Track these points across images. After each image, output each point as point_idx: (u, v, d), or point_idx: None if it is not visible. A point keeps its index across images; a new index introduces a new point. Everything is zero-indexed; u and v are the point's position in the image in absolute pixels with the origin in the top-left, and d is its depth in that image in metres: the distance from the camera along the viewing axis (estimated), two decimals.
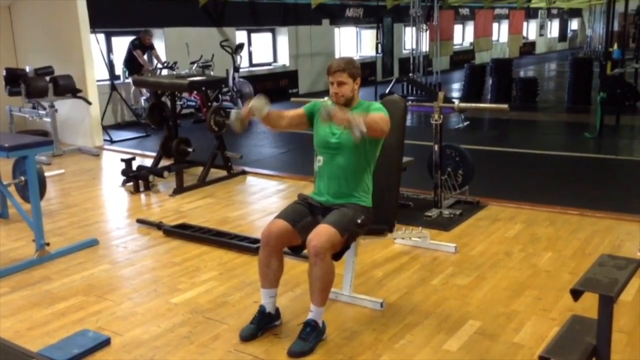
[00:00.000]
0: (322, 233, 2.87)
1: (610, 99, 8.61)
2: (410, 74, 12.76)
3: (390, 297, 3.47)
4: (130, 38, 10.06)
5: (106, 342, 3.00)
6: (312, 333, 2.91)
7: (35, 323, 3.25)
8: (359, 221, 3.01)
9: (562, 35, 31.11)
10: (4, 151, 3.94)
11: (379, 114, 3.04)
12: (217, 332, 3.11)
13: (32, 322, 3.26)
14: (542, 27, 28.40)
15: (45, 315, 3.34)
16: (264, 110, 3.01)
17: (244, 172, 6.45)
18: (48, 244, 4.17)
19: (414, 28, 12.85)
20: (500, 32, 23.66)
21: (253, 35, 13.24)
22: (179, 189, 5.78)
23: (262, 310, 3.04)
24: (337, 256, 3.07)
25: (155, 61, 10.17)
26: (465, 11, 20.60)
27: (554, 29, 30.14)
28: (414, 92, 12.02)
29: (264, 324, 3.03)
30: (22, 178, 4.51)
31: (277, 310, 3.09)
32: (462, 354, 2.86)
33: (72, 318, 3.30)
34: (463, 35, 21.63)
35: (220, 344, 2.99)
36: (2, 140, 4.13)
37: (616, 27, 11.61)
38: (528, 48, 26.31)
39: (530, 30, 27.41)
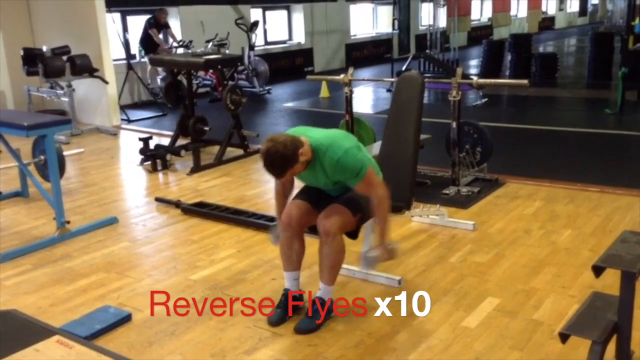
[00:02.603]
0: (333, 212, 2.86)
1: (632, 74, 8.42)
2: (428, 51, 12.60)
3: (408, 274, 3.46)
4: (146, 17, 10.04)
5: (127, 318, 3.04)
6: (320, 311, 2.92)
7: (58, 299, 3.30)
8: None
9: (583, 10, 30.44)
10: (24, 130, 3.97)
11: (379, 202, 2.82)
12: (236, 308, 3.14)
13: (55, 298, 3.32)
14: (561, 1, 27.81)
15: (67, 292, 3.39)
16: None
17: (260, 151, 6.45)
18: (68, 222, 4.22)
19: (431, 4, 12.66)
20: (519, 7, 23.22)
21: (268, 12, 13.14)
22: (196, 168, 5.80)
23: (287, 294, 3.02)
24: (354, 235, 3.07)
25: (170, 40, 10.15)
26: None
27: (574, 3, 29.49)
28: (432, 68, 11.88)
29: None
30: (42, 157, 4.57)
31: (300, 292, 3.08)
32: (481, 330, 2.86)
33: (94, 294, 3.35)
34: (481, 11, 21.26)
35: (239, 320, 3.02)
36: (22, 120, 4.17)
37: (638, 1, 11.33)
38: (547, 23, 25.79)
39: (550, 4, 26.86)
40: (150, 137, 6.20)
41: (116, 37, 9.15)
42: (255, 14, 12.45)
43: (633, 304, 2.22)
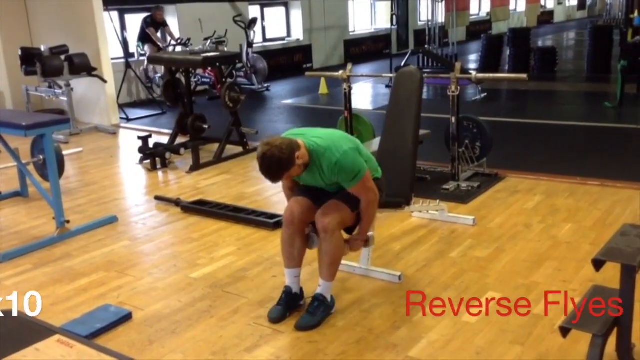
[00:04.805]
0: (331, 209, 2.85)
1: (631, 67, 8.41)
2: (426, 46, 12.58)
3: (408, 270, 3.46)
4: (144, 15, 10.02)
5: (128, 317, 3.04)
6: (320, 307, 2.92)
7: (58, 299, 3.30)
8: None
9: (581, 4, 30.39)
10: (22, 130, 3.96)
11: (367, 205, 2.89)
12: (237, 305, 3.14)
13: (55, 298, 3.32)
14: None
15: (67, 291, 3.39)
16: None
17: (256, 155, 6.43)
18: (68, 222, 4.22)
19: None
20: (518, 1, 23.18)
21: (266, 9, 13.12)
22: (196, 166, 5.80)
23: (288, 291, 3.01)
24: (351, 231, 3.06)
25: (168, 38, 10.13)
26: None
27: None
28: (431, 64, 11.86)
29: (291, 305, 3.01)
30: (41, 157, 4.56)
31: (301, 289, 3.07)
32: (482, 325, 2.86)
33: (94, 293, 3.34)
34: (480, 5, 21.23)
35: (239, 318, 3.02)
36: (20, 119, 4.16)
37: None
38: (546, 17, 25.75)
39: None
40: (150, 136, 6.19)
41: (114, 35, 9.14)
42: (253, 11, 12.43)
43: (633, 298, 2.22)
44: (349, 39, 15.11)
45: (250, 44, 10.75)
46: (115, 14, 9.81)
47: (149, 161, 5.93)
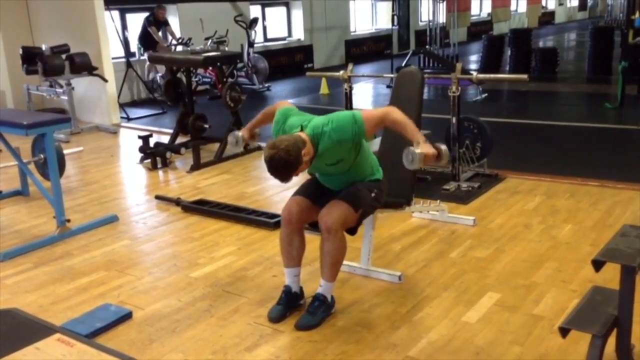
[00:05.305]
0: (334, 208, 2.85)
1: (632, 68, 8.42)
2: (427, 46, 12.58)
3: (408, 270, 3.47)
4: (145, 14, 10.03)
5: (128, 316, 3.04)
6: (320, 307, 2.93)
7: (58, 298, 3.31)
8: (372, 195, 2.96)
9: (582, 4, 30.38)
10: (23, 129, 3.97)
11: (389, 118, 2.79)
12: (237, 305, 3.14)
13: (55, 296, 3.32)
14: None
15: (67, 290, 3.39)
16: (241, 141, 3.34)
17: (260, 148, 6.45)
18: (69, 221, 4.22)
19: None
20: (519, 2, 23.18)
21: (267, 9, 13.13)
22: (196, 166, 5.80)
23: (287, 291, 3.01)
24: (353, 231, 3.06)
25: (169, 37, 10.14)
26: None
27: None
28: (431, 64, 11.86)
29: (291, 304, 3.01)
30: (42, 156, 4.57)
31: (301, 289, 3.07)
32: (481, 325, 2.86)
33: (94, 292, 3.35)
34: (481, 6, 21.23)
35: (240, 317, 3.02)
36: (21, 118, 4.16)
37: None
38: (547, 18, 25.75)
39: None
40: (150, 135, 6.19)
41: (115, 35, 9.14)
42: (254, 10, 12.44)
43: (633, 298, 2.22)
44: (350, 39, 15.11)
45: (251, 44, 10.76)
46: (116, 13, 9.82)
47: (149, 160, 5.94)
